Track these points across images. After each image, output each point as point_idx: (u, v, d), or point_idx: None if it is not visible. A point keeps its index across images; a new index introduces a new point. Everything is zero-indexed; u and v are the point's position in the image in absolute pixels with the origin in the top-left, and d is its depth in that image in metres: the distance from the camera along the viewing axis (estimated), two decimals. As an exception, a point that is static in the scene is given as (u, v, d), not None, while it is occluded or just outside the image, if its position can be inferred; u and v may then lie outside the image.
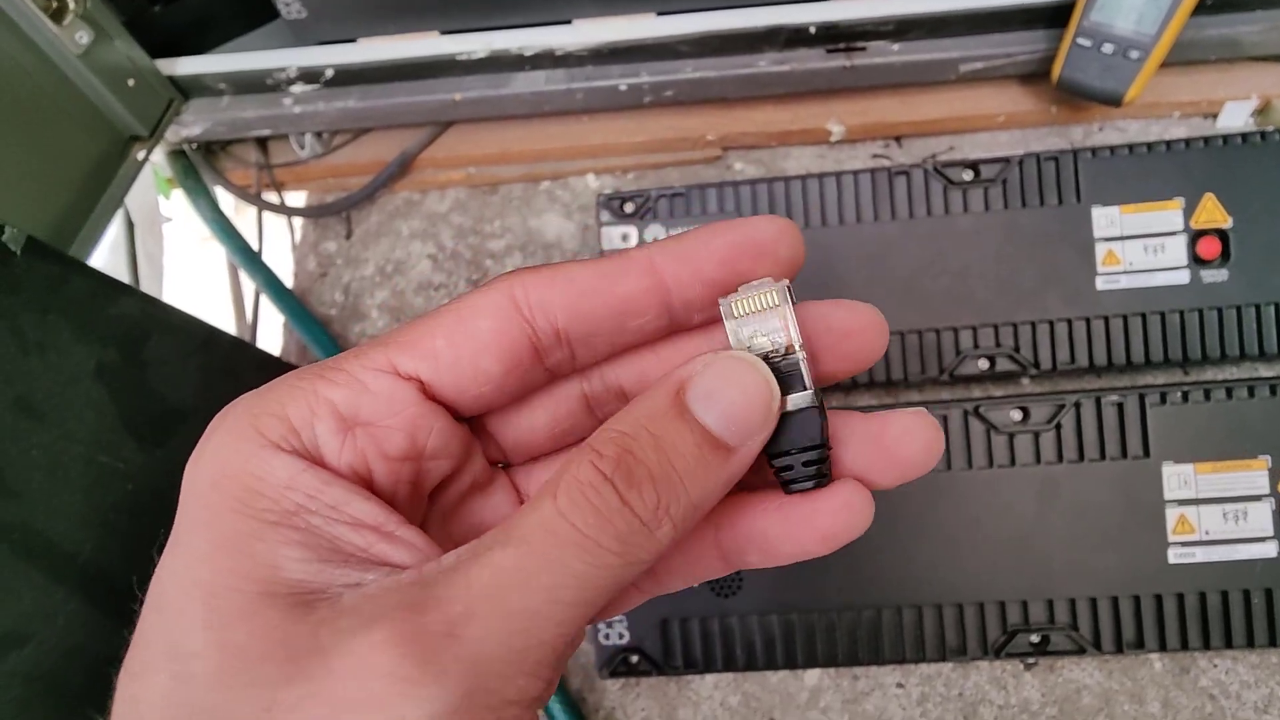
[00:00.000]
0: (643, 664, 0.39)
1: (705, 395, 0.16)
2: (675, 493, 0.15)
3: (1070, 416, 0.38)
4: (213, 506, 0.15)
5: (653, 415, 0.16)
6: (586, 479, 0.15)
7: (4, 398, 0.31)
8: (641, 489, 0.15)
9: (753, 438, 0.16)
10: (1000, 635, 0.37)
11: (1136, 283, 0.41)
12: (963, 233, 0.42)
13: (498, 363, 0.17)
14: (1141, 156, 0.41)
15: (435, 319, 0.17)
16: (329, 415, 0.16)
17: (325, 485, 0.16)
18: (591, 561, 0.14)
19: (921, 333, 0.42)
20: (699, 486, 0.15)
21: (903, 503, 0.38)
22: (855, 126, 0.51)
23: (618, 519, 0.15)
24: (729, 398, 0.16)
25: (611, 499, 0.15)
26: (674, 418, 0.16)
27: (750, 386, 0.16)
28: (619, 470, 0.15)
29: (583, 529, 0.14)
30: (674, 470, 0.15)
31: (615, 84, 0.50)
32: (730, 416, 0.16)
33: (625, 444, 0.15)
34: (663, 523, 0.15)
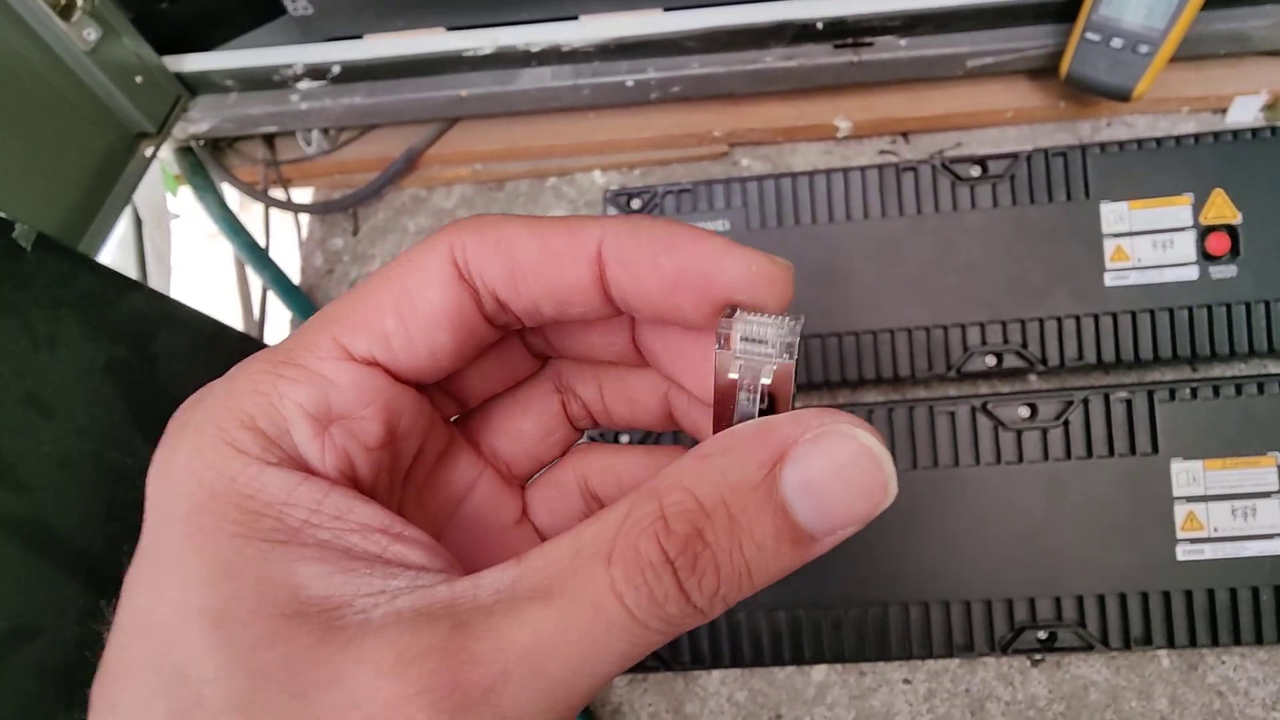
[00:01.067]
0: (650, 660, 0.39)
1: (805, 483, 0.14)
2: (736, 585, 0.14)
3: (1078, 413, 0.38)
4: (205, 530, 0.15)
5: (737, 489, 0.14)
6: (647, 557, 0.13)
7: (14, 393, 0.31)
8: (703, 579, 0.14)
9: (845, 533, 0.15)
10: (1007, 632, 0.37)
11: (1145, 279, 0.40)
12: (970, 229, 0.42)
13: (451, 336, 0.16)
14: (1150, 152, 0.41)
15: (380, 292, 0.16)
16: (300, 418, 0.15)
17: (324, 495, 0.15)
18: (633, 642, 0.14)
19: (929, 329, 0.42)
20: (764, 576, 0.14)
21: (911, 499, 0.38)
22: (862, 122, 0.51)
23: (672, 605, 0.14)
24: (832, 494, 0.14)
25: (669, 585, 0.13)
26: (760, 499, 0.14)
27: (863, 478, 0.14)
28: (684, 554, 0.13)
29: (633, 610, 0.13)
30: (744, 561, 0.14)
31: (622, 80, 0.50)
32: (826, 511, 0.14)
33: (697, 523, 0.14)
34: (716, 607, 0.14)
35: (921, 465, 0.38)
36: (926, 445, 0.38)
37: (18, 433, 0.30)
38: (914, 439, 0.39)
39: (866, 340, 0.42)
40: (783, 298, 0.16)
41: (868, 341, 0.42)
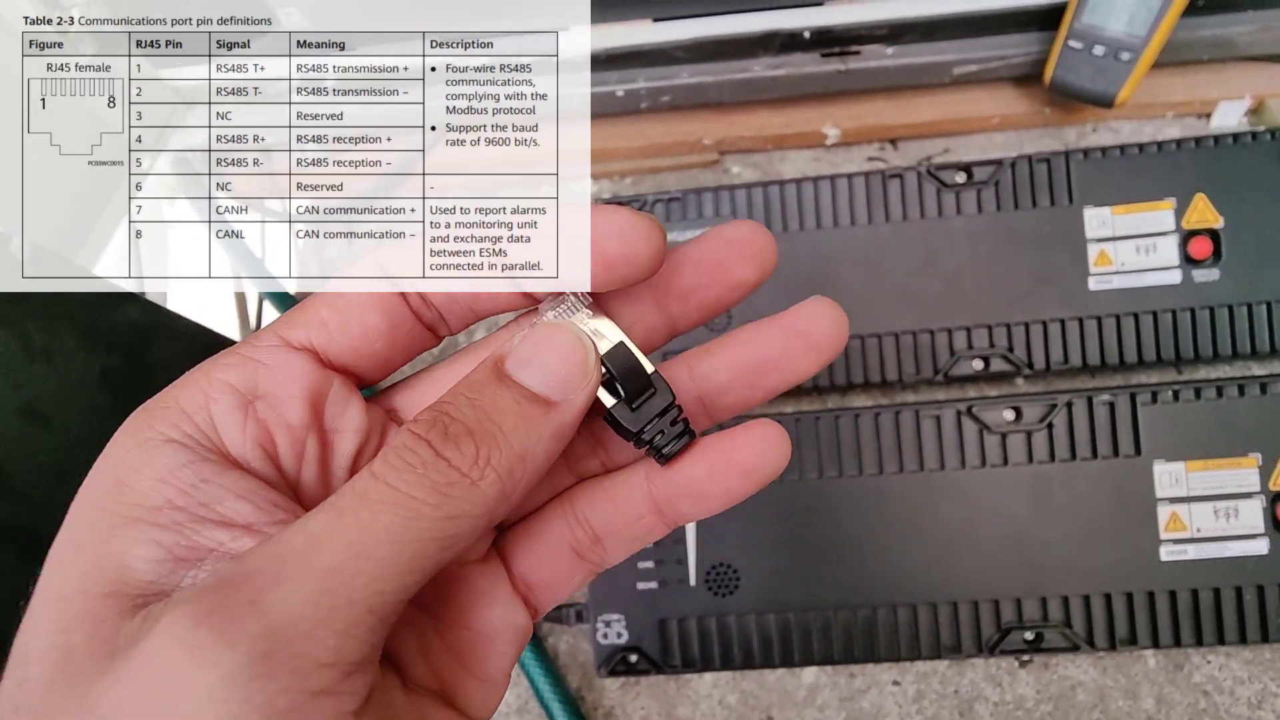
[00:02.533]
0: (641, 663, 0.39)
1: (522, 363, 0.16)
2: (496, 443, 0.15)
3: (1062, 416, 0.38)
4: (78, 504, 0.15)
5: (471, 385, 0.16)
6: (401, 442, 0.15)
7: (10, 404, 0.31)
8: (459, 442, 0.15)
9: (575, 390, 0.17)
10: (995, 633, 0.37)
11: (1129, 283, 0.41)
12: (956, 234, 0.43)
13: (381, 317, 0.17)
14: (1133, 157, 0.42)
15: (316, 295, 0.18)
16: (225, 394, 0.16)
17: (202, 481, 0.15)
18: (406, 515, 0.14)
19: (916, 334, 0.42)
20: (522, 437, 0.16)
21: (898, 502, 0.39)
22: (850, 129, 0.52)
23: (434, 472, 0.15)
24: (546, 359, 0.17)
25: (426, 453, 0.15)
26: (493, 384, 0.16)
27: (565, 345, 0.17)
28: (434, 429, 0.15)
29: (396, 485, 0.14)
30: (493, 424, 0.15)
31: (612, 90, 0.50)
32: (550, 374, 0.16)
33: (441, 408, 0.16)
34: (485, 473, 0.15)
35: (908, 469, 0.39)
36: (913, 449, 0.39)
37: (14, 442, 0.31)
38: (900, 443, 0.39)
39: (854, 345, 0.43)
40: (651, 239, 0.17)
41: (855, 346, 0.43)
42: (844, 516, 0.39)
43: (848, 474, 0.39)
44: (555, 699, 0.40)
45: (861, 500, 0.39)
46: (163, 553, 0.15)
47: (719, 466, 0.18)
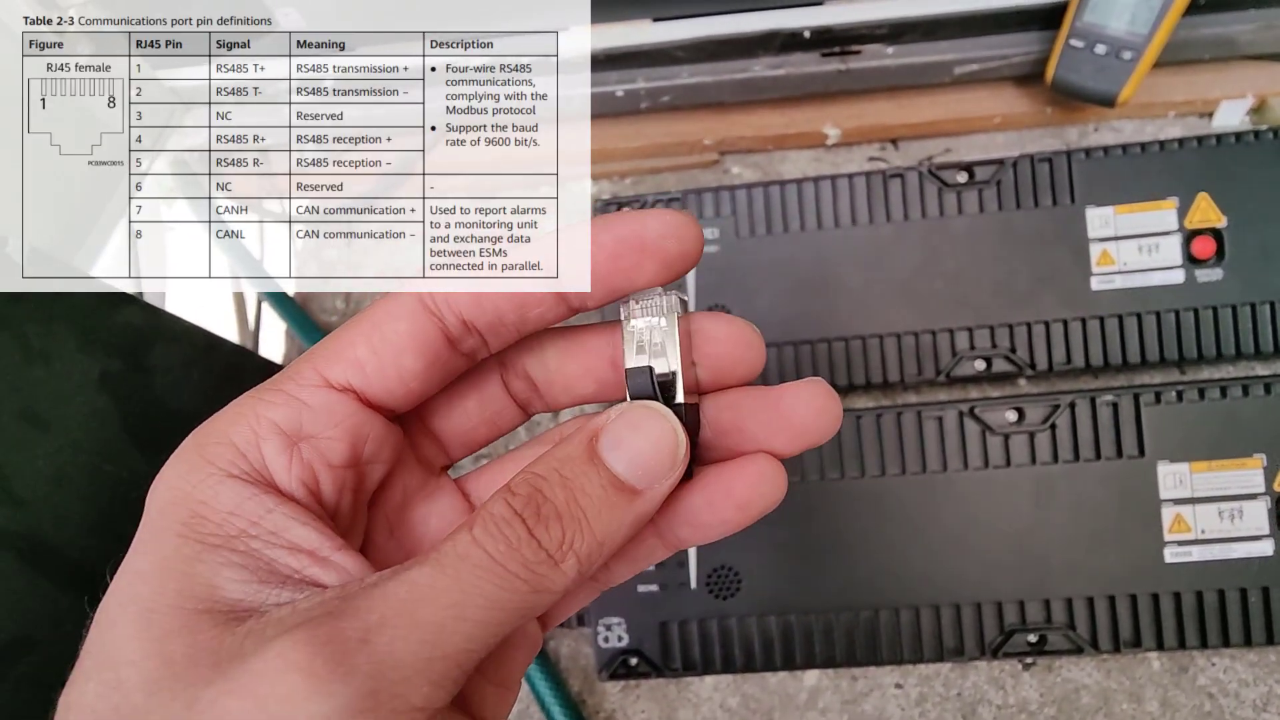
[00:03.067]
0: (642, 666, 0.39)
1: (614, 444, 0.17)
2: (580, 529, 0.16)
3: (1065, 417, 0.38)
4: (158, 530, 0.17)
5: (565, 461, 0.17)
6: (499, 513, 0.16)
7: (9, 407, 0.31)
8: (548, 525, 0.16)
9: (661, 481, 0.17)
10: (998, 635, 0.37)
11: (1131, 283, 0.41)
12: (958, 234, 0.43)
13: (417, 358, 0.18)
14: (1135, 157, 0.41)
15: (355, 328, 0.18)
16: (273, 434, 0.17)
17: (267, 512, 0.17)
18: (499, 585, 0.16)
19: (918, 334, 0.42)
20: (604, 525, 0.17)
21: (900, 504, 0.38)
22: (851, 129, 0.51)
23: (525, 549, 0.16)
24: (637, 447, 0.17)
25: (520, 531, 0.16)
26: (584, 463, 0.17)
27: (658, 435, 0.17)
28: (529, 507, 0.16)
29: (493, 555, 0.16)
30: (580, 509, 0.17)
31: (612, 90, 0.50)
32: (638, 463, 0.17)
33: (536, 484, 0.17)
34: (567, 557, 0.16)
35: (910, 470, 0.39)
36: (915, 450, 0.39)
37: (13, 446, 0.31)
38: (902, 444, 0.39)
39: (856, 346, 0.43)
40: (696, 240, 0.18)
41: (857, 347, 0.43)
42: (846, 518, 0.39)
43: (849, 475, 0.39)
44: (556, 703, 0.40)
45: (863, 502, 0.39)
46: (248, 575, 0.16)
47: (716, 499, 0.19)
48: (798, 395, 0.19)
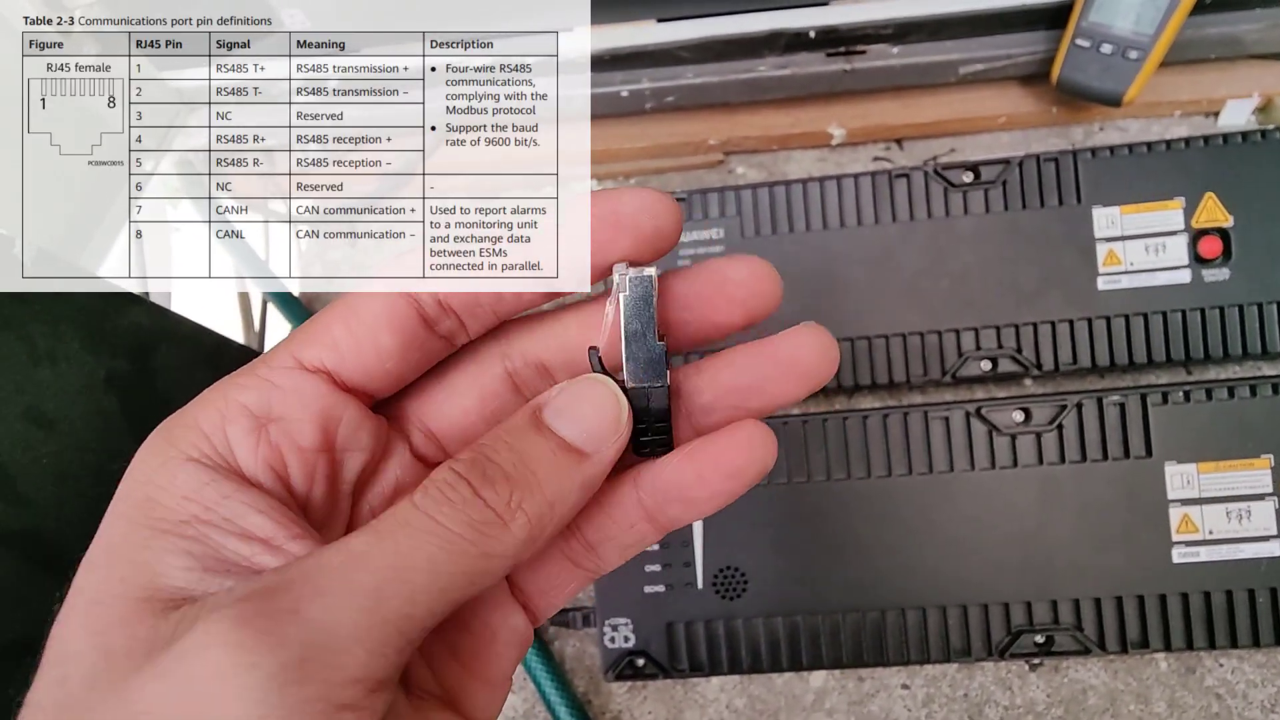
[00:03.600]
0: (648, 667, 0.39)
1: (559, 412, 0.17)
2: (529, 488, 0.16)
3: (1072, 417, 0.38)
4: (113, 517, 0.16)
5: (511, 430, 0.17)
6: (442, 478, 0.16)
7: (15, 407, 0.31)
8: (495, 484, 0.16)
9: (606, 443, 0.17)
10: (1005, 636, 0.37)
11: (1138, 282, 0.41)
12: (964, 234, 0.42)
13: (393, 336, 0.18)
14: (1141, 156, 0.41)
15: (332, 311, 0.18)
16: (240, 416, 0.17)
17: (224, 498, 0.16)
18: (442, 546, 0.15)
19: (923, 334, 0.42)
20: (554, 486, 0.17)
21: (906, 504, 0.38)
22: (856, 129, 0.51)
23: (471, 509, 0.16)
24: (581, 411, 0.17)
25: (465, 491, 0.16)
26: (529, 430, 0.17)
27: (602, 400, 0.18)
28: (474, 469, 0.16)
29: (435, 517, 0.15)
30: (528, 470, 0.16)
31: (617, 90, 0.50)
32: (583, 426, 0.17)
33: (481, 450, 0.17)
34: (516, 515, 0.16)
35: (917, 471, 0.39)
36: (921, 451, 0.39)
37: (18, 446, 0.31)
38: (909, 445, 0.39)
39: (861, 346, 0.42)
40: (670, 215, 0.18)
41: (863, 347, 0.43)
42: (852, 519, 0.39)
43: (856, 476, 0.39)
44: (562, 703, 0.40)
45: (870, 502, 0.39)
46: (193, 562, 0.16)
47: (706, 470, 0.18)
48: (796, 341, 0.19)
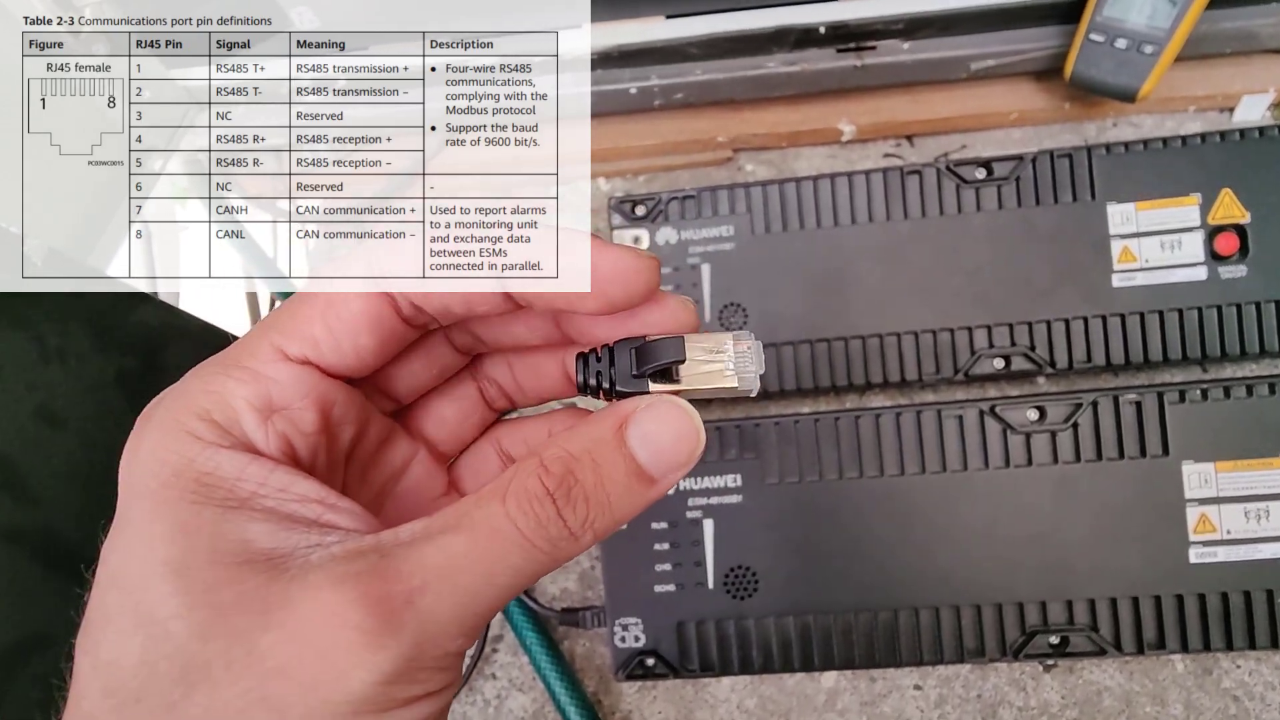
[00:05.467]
0: (659, 667, 0.39)
1: (642, 435, 0.19)
2: (602, 512, 0.18)
3: (1087, 415, 0.37)
4: (168, 500, 0.17)
5: (597, 443, 0.18)
6: (533, 491, 0.17)
7: (25, 406, 0.31)
8: (575, 506, 0.18)
9: (675, 474, 0.19)
10: (1019, 636, 0.37)
11: (1153, 280, 0.40)
12: (976, 231, 0.42)
13: (372, 337, 0.19)
14: (1156, 152, 0.41)
15: (310, 305, 0.19)
16: (247, 410, 0.18)
17: (269, 472, 0.18)
18: (526, 557, 0.17)
19: (935, 332, 0.42)
20: (623, 508, 0.18)
21: (920, 503, 0.38)
22: (866, 126, 0.51)
23: (552, 527, 0.17)
24: (663, 441, 0.19)
25: (550, 511, 0.17)
26: (613, 449, 0.18)
27: (682, 429, 0.19)
28: (560, 488, 0.18)
29: (523, 530, 0.17)
30: (605, 494, 0.18)
31: (626, 87, 0.50)
32: (660, 456, 0.19)
33: (569, 466, 0.18)
34: (586, 533, 0.18)
35: (930, 469, 0.38)
36: (935, 449, 0.38)
37: (28, 445, 0.31)
38: (922, 443, 0.38)
39: (873, 344, 0.42)
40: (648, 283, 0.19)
41: (874, 345, 0.42)
42: (864, 518, 0.38)
43: (868, 475, 0.38)
44: (572, 703, 0.40)
45: (882, 501, 0.38)
46: (273, 525, 0.17)
47: None
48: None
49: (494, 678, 0.43)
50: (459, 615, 0.17)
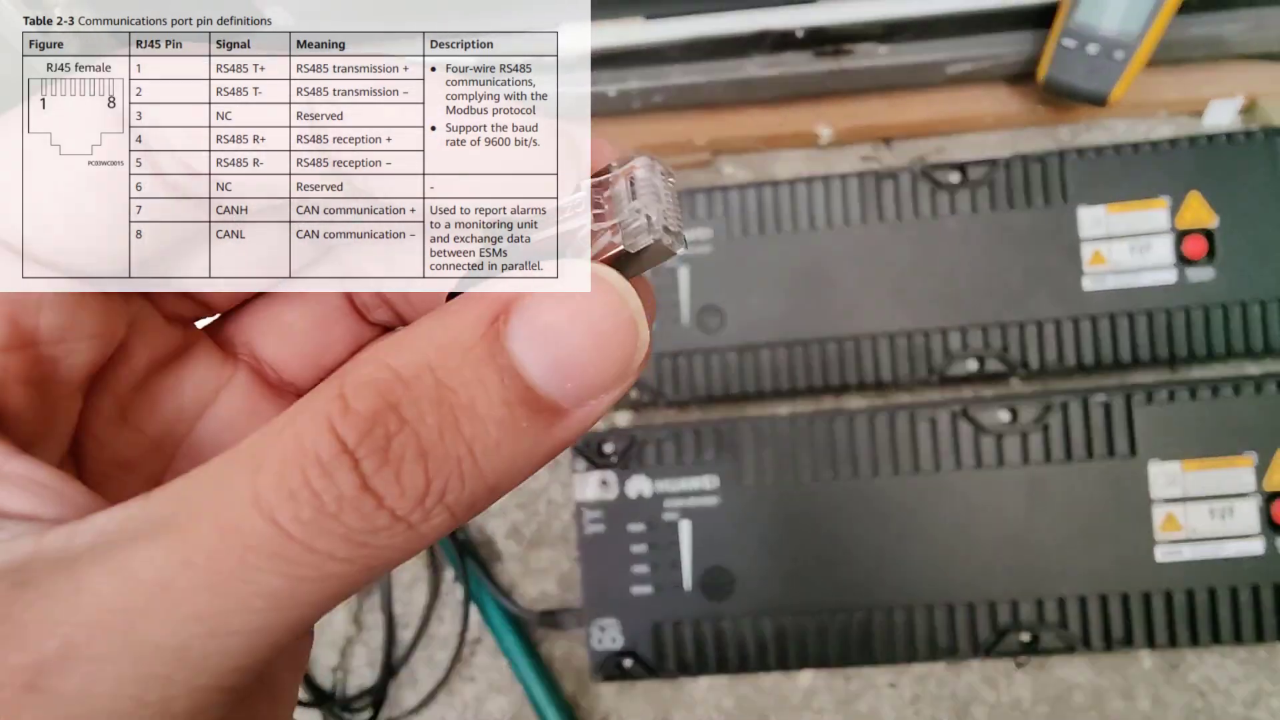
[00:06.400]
0: (636, 668, 0.39)
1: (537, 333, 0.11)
2: (459, 474, 0.10)
3: (1057, 416, 0.38)
4: None
5: (449, 349, 0.10)
6: (312, 450, 0.09)
7: None
8: (402, 471, 0.10)
9: (602, 397, 0.11)
10: (991, 635, 0.37)
11: (1123, 282, 0.41)
12: (951, 234, 0.43)
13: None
14: (1127, 156, 0.42)
15: None
16: None
17: None
18: (299, 575, 0.09)
19: (910, 334, 0.42)
20: (501, 462, 0.10)
21: (893, 504, 0.39)
22: (844, 129, 0.51)
23: (352, 514, 0.09)
24: (575, 342, 0.11)
25: (349, 484, 0.09)
26: (479, 357, 0.10)
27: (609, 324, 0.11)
28: (369, 439, 0.10)
29: (288, 527, 0.09)
30: (463, 443, 0.10)
31: (604, 90, 0.50)
32: (571, 367, 0.11)
33: (392, 395, 0.10)
34: (433, 514, 0.10)
35: (904, 471, 0.39)
36: (908, 451, 0.39)
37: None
38: (895, 445, 0.39)
39: (849, 346, 0.43)
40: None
41: (850, 347, 0.43)
42: (839, 519, 0.39)
43: (843, 476, 0.39)
44: (550, 705, 0.40)
45: (857, 503, 0.39)
46: None
47: None
48: None
49: (472, 680, 0.43)
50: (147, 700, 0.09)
